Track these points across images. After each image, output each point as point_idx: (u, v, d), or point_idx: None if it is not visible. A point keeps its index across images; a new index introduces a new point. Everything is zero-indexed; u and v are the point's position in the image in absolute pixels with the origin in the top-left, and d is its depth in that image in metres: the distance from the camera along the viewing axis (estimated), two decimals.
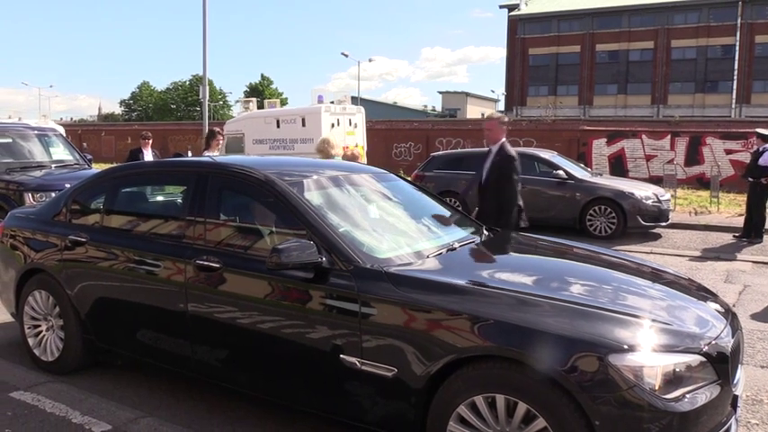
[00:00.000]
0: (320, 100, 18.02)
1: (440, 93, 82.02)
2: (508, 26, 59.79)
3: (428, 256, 3.43)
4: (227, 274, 3.54)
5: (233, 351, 3.63)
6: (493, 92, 77.18)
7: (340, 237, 3.31)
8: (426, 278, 3.09)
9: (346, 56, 53.51)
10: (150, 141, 11.34)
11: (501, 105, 69.76)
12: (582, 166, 13.72)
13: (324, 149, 7.06)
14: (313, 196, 3.67)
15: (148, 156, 11.08)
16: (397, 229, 3.88)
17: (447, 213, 4.47)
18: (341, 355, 3.08)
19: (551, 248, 4.24)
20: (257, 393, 3.59)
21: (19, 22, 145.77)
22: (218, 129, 8.45)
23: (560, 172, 11.71)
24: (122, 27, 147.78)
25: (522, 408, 2.67)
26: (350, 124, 17.51)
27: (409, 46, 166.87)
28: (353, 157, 7.63)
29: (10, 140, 9.87)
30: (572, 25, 56.14)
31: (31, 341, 4.65)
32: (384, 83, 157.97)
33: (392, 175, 4.73)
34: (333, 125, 16.65)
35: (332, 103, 18.21)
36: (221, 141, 8.56)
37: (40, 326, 4.62)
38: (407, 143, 27.53)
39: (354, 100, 24.40)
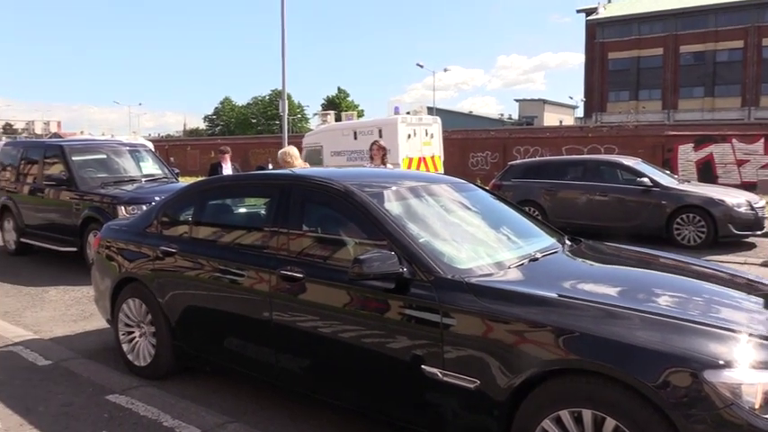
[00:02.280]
0: (396, 111, 18.14)
1: (516, 101, 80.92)
2: (586, 31, 58.37)
3: (510, 267, 3.38)
4: (310, 283, 3.61)
5: (315, 360, 3.68)
6: (571, 98, 75.26)
7: (421, 247, 3.31)
8: (508, 289, 3.05)
9: (421, 66, 53.78)
10: (229, 155, 11.64)
11: (580, 112, 68.13)
12: (667, 173, 13.20)
13: (285, 160, 7.05)
14: (393, 207, 3.69)
15: (227, 169, 11.35)
16: (477, 240, 3.85)
17: (528, 223, 4.39)
18: (422, 366, 3.07)
19: (637, 259, 4.10)
20: (338, 402, 3.63)
21: (110, 45, 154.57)
22: (377, 139, 8.88)
23: (645, 179, 11.30)
24: (205, 46, 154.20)
25: (610, 424, 2.58)
26: (426, 134, 17.53)
27: (485, 54, 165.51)
28: None
29: (104, 156, 10.42)
30: (653, 27, 54.19)
31: (125, 347, 4.88)
32: (459, 92, 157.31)
33: (471, 184, 4.70)
34: (409, 136, 16.71)
35: (408, 113, 18.30)
36: (381, 151, 8.56)
37: (133, 332, 4.85)
38: (484, 152, 27.29)
39: (430, 110, 24.44)
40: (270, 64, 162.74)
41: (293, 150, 7.35)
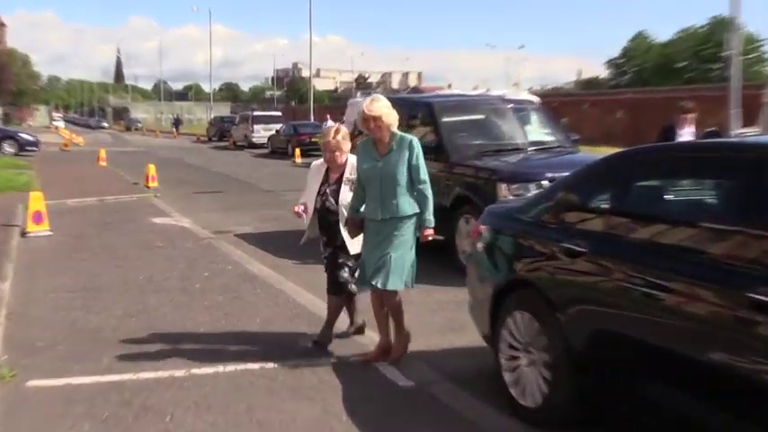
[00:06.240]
0: None
1: None
2: None
3: None
4: None
5: None
6: None
7: None
8: None
9: None
10: (692, 116, 10.27)
11: None
12: None
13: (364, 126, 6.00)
14: None
15: (687, 135, 10.09)
16: None
17: None
18: None
19: None
20: None
21: None
22: None
23: None
24: None
25: None
26: None
27: None
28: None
29: (483, 117, 11.04)
30: None
31: (506, 376, 5.08)
32: None
33: None
34: None
35: None
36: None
37: (518, 357, 5.01)
38: None
39: None
40: None
41: (376, 107, 5.82)
